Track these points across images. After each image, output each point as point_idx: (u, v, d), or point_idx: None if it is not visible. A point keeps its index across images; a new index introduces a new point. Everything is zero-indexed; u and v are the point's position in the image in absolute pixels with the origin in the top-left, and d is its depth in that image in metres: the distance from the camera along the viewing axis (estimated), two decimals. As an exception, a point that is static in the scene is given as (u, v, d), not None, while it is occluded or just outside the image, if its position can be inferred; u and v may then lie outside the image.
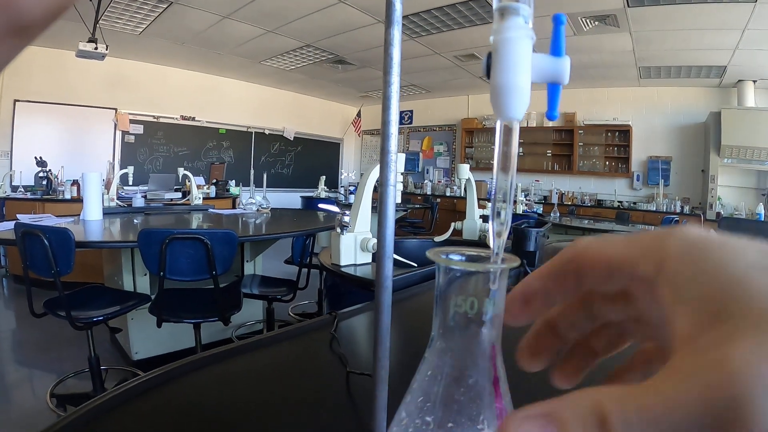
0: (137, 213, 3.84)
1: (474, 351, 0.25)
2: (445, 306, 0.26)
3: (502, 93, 0.22)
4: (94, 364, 2.43)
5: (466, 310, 0.25)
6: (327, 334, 0.98)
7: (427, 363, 0.27)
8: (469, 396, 0.25)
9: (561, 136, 8.23)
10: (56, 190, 5.41)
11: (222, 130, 8.67)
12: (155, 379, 0.73)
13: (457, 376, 0.25)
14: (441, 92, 9.26)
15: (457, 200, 8.53)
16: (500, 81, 0.22)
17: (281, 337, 0.97)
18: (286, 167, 9.78)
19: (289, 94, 9.58)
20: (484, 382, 0.25)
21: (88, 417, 0.62)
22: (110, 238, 2.72)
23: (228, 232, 2.34)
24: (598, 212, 7.23)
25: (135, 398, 0.68)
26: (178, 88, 7.95)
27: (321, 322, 1.06)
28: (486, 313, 0.25)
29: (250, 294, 2.93)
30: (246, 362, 0.85)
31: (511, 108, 0.23)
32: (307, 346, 0.95)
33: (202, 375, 0.78)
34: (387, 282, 0.41)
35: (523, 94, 0.22)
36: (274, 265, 4.18)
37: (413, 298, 1.37)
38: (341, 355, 0.87)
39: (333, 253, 1.64)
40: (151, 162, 7.77)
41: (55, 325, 2.83)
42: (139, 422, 0.63)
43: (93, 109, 7.01)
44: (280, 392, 0.75)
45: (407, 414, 0.26)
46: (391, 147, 0.37)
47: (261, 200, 4.35)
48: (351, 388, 0.76)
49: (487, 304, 0.25)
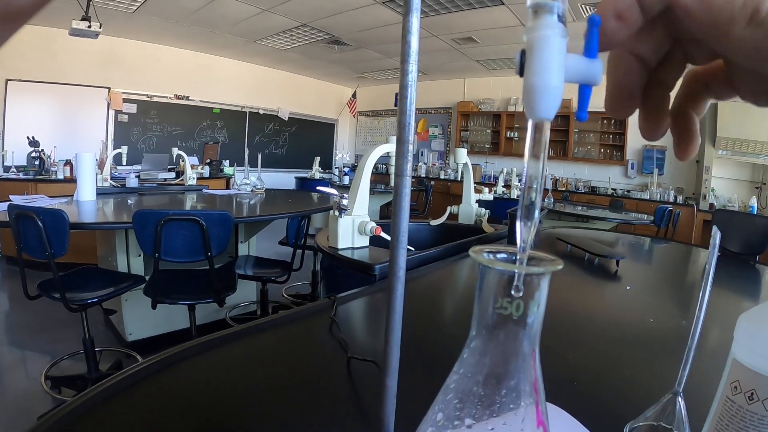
0: (131, 193, 3.82)
1: (516, 353, 0.25)
2: (486, 306, 0.25)
3: (535, 93, 0.22)
4: (88, 346, 2.43)
5: (512, 312, 0.24)
6: (326, 318, 0.98)
7: (465, 363, 0.27)
8: (509, 398, 0.25)
9: (557, 122, 8.21)
10: (49, 171, 5.37)
11: (216, 110, 8.61)
12: (154, 365, 0.73)
13: (497, 377, 0.25)
14: (437, 75, 9.21)
15: (451, 183, 8.54)
16: (533, 81, 0.22)
17: (280, 321, 0.97)
18: (280, 147, 9.74)
19: (284, 73, 9.50)
20: (525, 385, 0.25)
21: (89, 404, 0.62)
22: (104, 219, 2.71)
23: (224, 213, 2.33)
24: (591, 199, 7.25)
25: (135, 385, 0.68)
26: (172, 67, 7.87)
27: (320, 306, 1.06)
28: (530, 316, 0.24)
29: (245, 275, 2.93)
30: (246, 346, 0.85)
31: (543, 108, 0.22)
32: (306, 331, 0.95)
33: (201, 360, 0.78)
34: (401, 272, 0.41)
35: (555, 95, 0.22)
36: (269, 246, 4.18)
37: (411, 282, 1.37)
38: (341, 340, 0.87)
39: (330, 235, 1.64)
40: (145, 141, 7.71)
41: (49, 307, 2.83)
42: (140, 409, 0.63)
43: (86, 88, 6.93)
44: (280, 377, 0.75)
45: (444, 416, 0.26)
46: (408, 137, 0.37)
47: (255, 181, 4.34)
48: (352, 374, 0.76)
49: (531, 307, 0.24)
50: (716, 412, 0.51)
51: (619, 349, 0.95)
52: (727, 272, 1.89)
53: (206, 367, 0.77)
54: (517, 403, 0.25)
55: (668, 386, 0.60)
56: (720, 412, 0.50)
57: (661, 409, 0.61)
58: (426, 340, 0.95)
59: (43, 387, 2.51)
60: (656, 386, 0.64)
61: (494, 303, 0.25)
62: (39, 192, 4.29)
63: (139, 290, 2.46)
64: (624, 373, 0.84)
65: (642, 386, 0.78)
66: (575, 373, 0.82)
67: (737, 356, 0.48)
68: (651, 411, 0.62)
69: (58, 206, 2.42)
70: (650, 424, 0.61)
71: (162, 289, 2.37)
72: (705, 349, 0.91)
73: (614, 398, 0.74)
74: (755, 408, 0.46)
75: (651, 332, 1.07)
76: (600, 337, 1.03)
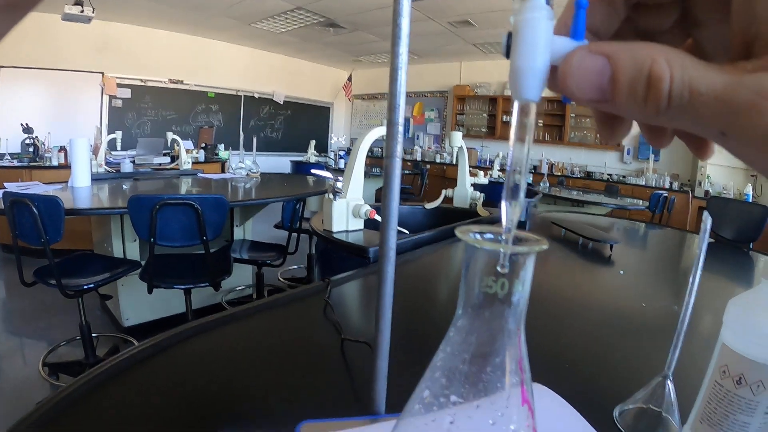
0: (126, 178, 3.80)
1: (501, 331, 0.26)
2: (472, 285, 0.25)
3: (521, 75, 0.22)
4: (85, 332, 2.45)
5: (497, 291, 0.25)
6: (320, 301, 0.99)
7: (451, 341, 0.27)
8: (495, 376, 0.25)
9: (553, 107, 8.19)
10: (43, 157, 5.32)
11: (211, 94, 8.54)
12: (151, 348, 0.74)
13: (483, 355, 0.26)
14: (433, 58, 9.14)
15: (447, 167, 8.53)
16: (519, 63, 0.22)
17: (275, 304, 0.98)
18: (275, 131, 9.70)
19: (279, 57, 9.43)
20: (511, 364, 0.26)
21: (85, 389, 0.62)
22: (99, 204, 2.70)
23: (219, 197, 2.33)
24: (587, 184, 7.26)
25: (131, 368, 0.68)
26: (166, 51, 7.79)
27: (314, 288, 1.06)
28: (515, 294, 0.25)
29: (240, 259, 2.93)
30: (241, 329, 0.86)
31: (528, 90, 0.23)
32: (301, 313, 0.96)
33: (197, 342, 0.79)
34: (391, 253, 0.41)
35: (541, 77, 0.22)
36: (264, 229, 4.17)
37: (404, 265, 1.38)
38: (335, 322, 0.87)
39: (325, 219, 1.65)
40: (139, 126, 7.65)
41: (45, 294, 2.83)
42: (137, 392, 0.64)
43: (79, 74, 6.85)
44: (275, 359, 0.76)
45: (431, 393, 0.27)
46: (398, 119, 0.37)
47: (251, 164, 4.33)
48: (346, 355, 0.77)
49: (516, 286, 0.25)
50: (705, 395, 0.51)
51: (610, 333, 0.96)
52: (720, 259, 1.90)
53: (202, 349, 0.77)
54: (502, 381, 0.25)
55: (658, 370, 0.61)
56: (708, 396, 0.51)
57: (650, 392, 0.62)
58: (419, 322, 0.96)
59: (41, 374, 2.52)
60: (647, 370, 0.65)
61: (480, 282, 0.25)
62: (33, 179, 4.27)
63: (134, 275, 2.46)
64: (615, 356, 0.85)
65: (633, 370, 0.79)
66: (567, 355, 0.83)
67: (726, 341, 0.49)
68: (640, 394, 0.63)
69: (53, 193, 2.42)
70: (639, 407, 0.62)
71: (158, 274, 2.37)
72: (695, 334, 0.92)
73: (605, 381, 0.75)
74: (743, 392, 0.46)
75: (643, 317, 1.08)
76: (592, 321, 1.04)
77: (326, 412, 0.59)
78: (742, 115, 0.16)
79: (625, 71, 0.18)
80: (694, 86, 0.17)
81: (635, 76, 0.18)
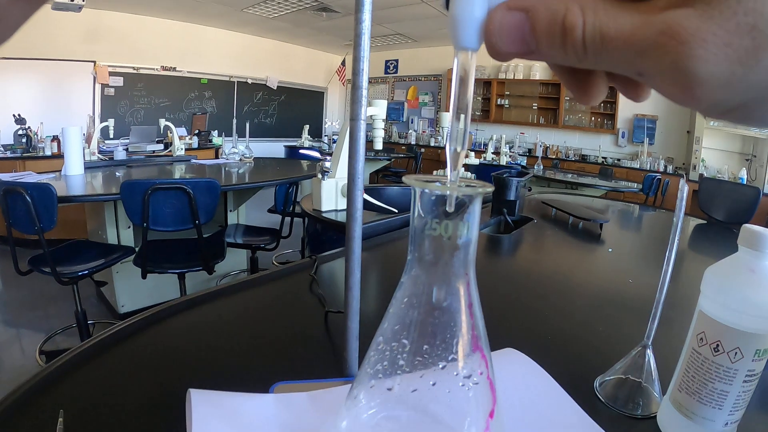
0: (119, 166, 3.79)
1: (448, 276, 0.26)
2: (419, 230, 0.26)
3: (459, 24, 0.23)
4: (81, 319, 2.45)
5: (441, 233, 0.25)
6: (307, 277, 1.00)
7: (402, 288, 0.27)
8: (443, 320, 0.26)
9: (548, 90, 8.17)
10: (36, 147, 5.29)
11: (204, 80, 8.49)
12: (138, 323, 0.75)
13: (431, 300, 0.26)
14: (427, 42, 9.10)
15: (441, 150, 8.51)
16: (457, 12, 0.23)
17: (262, 280, 0.99)
18: (269, 117, 9.66)
19: (272, 42, 9.36)
20: (458, 307, 0.26)
21: (70, 365, 0.63)
22: (92, 191, 2.70)
23: (210, 180, 2.33)
24: (581, 167, 7.26)
25: (117, 344, 0.69)
26: (158, 38, 7.72)
27: (301, 265, 1.08)
28: (460, 237, 0.25)
29: (234, 243, 2.94)
30: (228, 304, 0.87)
31: (467, 38, 0.23)
32: (287, 289, 0.97)
33: (184, 318, 0.80)
34: (357, 213, 0.42)
35: (478, 26, 0.23)
36: (258, 214, 4.18)
37: (394, 242, 1.39)
38: (320, 296, 0.89)
39: (314, 198, 1.65)
40: (132, 114, 7.60)
41: (41, 283, 2.84)
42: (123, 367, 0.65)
43: (71, 63, 6.77)
44: (261, 332, 0.77)
45: (384, 339, 0.27)
46: (362, 82, 0.38)
47: (244, 150, 4.32)
48: (329, 326, 0.78)
49: (461, 228, 0.25)
50: (683, 364, 0.53)
51: (596, 307, 0.97)
52: (709, 239, 1.91)
53: (190, 324, 0.79)
54: (452, 326, 0.26)
55: (640, 341, 0.62)
56: (687, 364, 0.52)
57: (630, 362, 0.63)
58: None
59: (38, 362, 2.53)
60: (629, 342, 0.66)
61: (425, 225, 0.26)
62: (27, 169, 4.24)
63: (129, 262, 2.47)
64: (598, 329, 0.86)
65: (615, 342, 0.80)
66: (551, 328, 0.84)
67: (703, 308, 0.50)
68: (620, 364, 0.64)
69: (45, 181, 2.42)
70: (619, 377, 0.63)
71: (151, 259, 2.38)
72: (676, 306, 0.93)
73: (587, 353, 0.76)
74: (721, 360, 0.47)
75: (628, 292, 1.09)
76: (578, 295, 1.05)
77: (304, 376, 0.60)
78: (650, 54, 0.17)
79: (542, 22, 0.19)
80: (605, 30, 0.18)
81: (552, 27, 0.19)
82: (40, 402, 0.55)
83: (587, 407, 0.58)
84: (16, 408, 0.53)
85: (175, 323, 0.77)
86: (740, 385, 0.47)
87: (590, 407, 0.59)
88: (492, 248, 1.45)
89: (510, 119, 8.52)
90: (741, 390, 0.47)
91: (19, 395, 0.55)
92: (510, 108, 8.52)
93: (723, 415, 0.48)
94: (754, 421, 0.55)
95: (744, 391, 0.47)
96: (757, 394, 0.49)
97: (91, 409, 0.54)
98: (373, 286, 1.02)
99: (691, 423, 0.51)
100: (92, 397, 0.57)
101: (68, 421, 0.50)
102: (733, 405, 0.48)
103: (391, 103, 10.02)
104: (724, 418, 0.49)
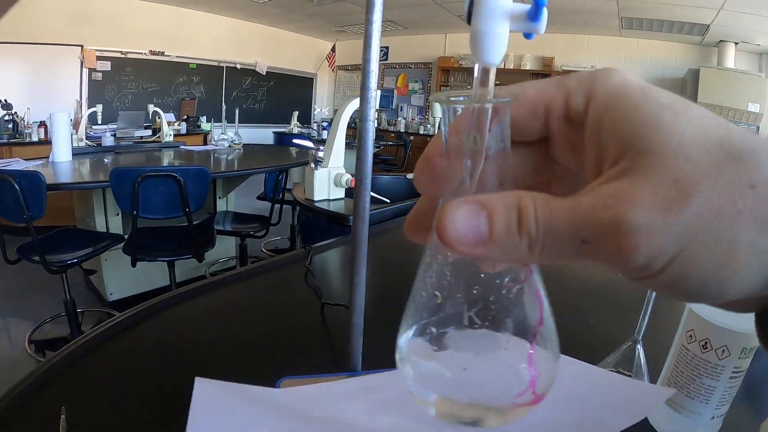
0: (107, 152, 3.75)
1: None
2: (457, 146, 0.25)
3: (481, 39, 0.23)
4: (69, 308, 2.44)
5: (470, 145, 0.24)
6: (302, 268, 1.01)
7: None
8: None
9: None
10: (23, 133, 5.21)
11: (192, 65, 8.38)
12: (133, 317, 0.75)
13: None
14: (418, 29, 9.05)
15: (430, 138, 8.49)
16: (480, 28, 0.23)
17: (256, 272, 0.99)
18: (258, 102, 9.58)
19: (262, 27, 9.26)
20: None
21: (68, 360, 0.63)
22: (81, 178, 2.68)
23: (200, 168, 2.33)
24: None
25: (113, 338, 0.70)
26: (146, 23, 7.59)
27: (295, 256, 1.08)
28: (491, 149, 0.24)
29: (223, 230, 2.94)
30: (223, 296, 0.87)
31: (489, 53, 0.24)
32: (282, 280, 0.98)
33: (180, 310, 0.80)
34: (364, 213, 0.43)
35: (501, 41, 0.24)
36: (247, 201, 4.16)
37: (386, 233, 1.40)
38: (316, 288, 0.89)
39: (307, 188, 1.66)
40: (120, 99, 7.50)
41: (30, 272, 2.81)
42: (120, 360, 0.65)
43: (58, 47, 6.63)
44: (257, 324, 0.78)
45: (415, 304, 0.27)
46: (371, 84, 0.38)
47: (233, 136, 4.30)
48: (326, 319, 0.79)
49: (490, 140, 0.24)
50: (672, 359, 0.54)
51: (585, 299, 0.98)
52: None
53: (185, 316, 0.79)
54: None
55: (631, 336, 0.63)
56: (676, 360, 0.53)
57: (620, 356, 0.64)
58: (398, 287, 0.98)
59: (27, 351, 2.51)
60: (619, 335, 0.67)
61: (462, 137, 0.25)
62: (14, 155, 4.19)
63: (118, 249, 2.45)
64: (588, 322, 0.87)
65: (605, 335, 0.81)
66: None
67: (693, 306, 0.52)
68: (611, 357, 0.65)
69: (33, 168, 2.40)
70: (609, 371, 0.65)
71: (141, 247, 2.37)
72: (667, 301, 0.94)
73: (577, 346, 0.77)
74: (709, 356, 0.49)
75: (619, 284, 1.09)
76: (567, 287, 1.06)
77: (305, 369, 0.61)
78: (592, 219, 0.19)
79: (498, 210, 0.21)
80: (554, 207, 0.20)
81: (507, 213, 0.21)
82: (41, 399, 0.55)
83: (579, 400, 0.60)
84: (17, 405, 0.53)
85: (171, 316, 0.78)
86: (727, 381, 0.49)
87: (582, 400, 0.60)
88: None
89: (499, 108, 8.52)
90: (727, 385, 0.49)
91: (19, 392, 0.55)
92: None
93: (710, 409, 0.50)
94: (738, 415, 0.57)
95: (730, 387, 0.49)
96: (743, 389, 0.51)
97: (93, 404, 0.55)
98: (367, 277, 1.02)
99: (679, 416, 0.52)
100: (93, 392, 0.57)
101: (70, 416, 0.50)
102: (720, 399, 0.50)
103: (381, 90, 9.96)
104: (711, 411, 0.51)
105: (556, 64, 7.97)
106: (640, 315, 0.62)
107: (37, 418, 0.52)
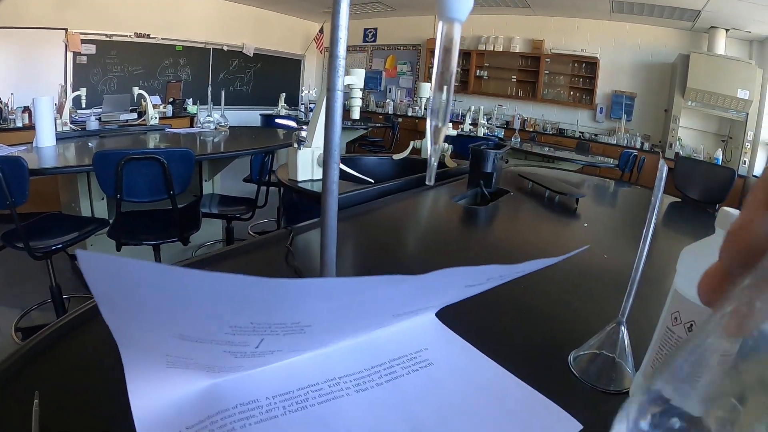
0: (92, 136, 3.69)
1: None
2: None
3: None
4: (56, 294, 2.41)
5: None
6: (283, 248, 0.99)
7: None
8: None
9: (527, 63, 8.16)
10: (7, 119, 5.13)
11: (178, 47, 8.27)
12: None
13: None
14: (407, 11, 8.99)
15: (418, 120, 8.49)
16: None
17: (238, 252, 0.98)
18: (245, 84, 9.49)
19: (248, 9, 9.14)
20: None
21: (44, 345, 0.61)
22: (65, 163, 2.65)
23: (185, 150, 2.30)
24: (559, 141, 7.30)
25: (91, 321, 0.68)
26: (131, 4, 7.44)
27: (277, 236, 1.06)
28: None
29: (209, 213, 2.91)
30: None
31: (455, 10, 0.22)
32: (263, 260, 0.96)
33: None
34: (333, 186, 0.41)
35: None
36: (233, 184, 4.13)
37: (371, 213, 1.38)
38: (296, 267, 0.88)
39: (290, 168, 1.64)
40: (105, 83, 7.38)
41: (15, 260, 2.77)
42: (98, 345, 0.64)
43: (41, 31, 6.49)
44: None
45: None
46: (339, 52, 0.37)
47: (219, 118, 4.26)
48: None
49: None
50: (657, 341, 0.53)
51: (570, 283, 0.98)
52: (685, 218, 1.93)
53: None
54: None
55: (615, 318, 0.62)
56: (660, 342, 0.52)
57: (604, 338, 0.63)
58: (383, 266, 0.97)
59: (14, 339, 2.49)
60: (604, 318, 0.67)
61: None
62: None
63: (103, 234, 2.43)
64: (573, 305, 0.87)
65: (590, 318, 0.81)
66: (526, 302, 0.85)
67: (679, 288, 0.50)
68: (594, 340, 0.65)
69: (17, 154, 2.36)
70: (593, 352, 0.64)
71: (126, 231, 2.35)
72: (651, 283, 0.93)
73: (562, 329, 0.77)
74: None
75: (603, 267, 1.09)
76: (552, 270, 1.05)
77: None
78: None
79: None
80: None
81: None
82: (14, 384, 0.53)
83: (561, 381, 0.59)
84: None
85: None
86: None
87: (564, 381, 0.60)
88: (468, 220, 1.46)
89: (488, 91, 8.50)
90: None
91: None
92: (489, 80, 8.50)
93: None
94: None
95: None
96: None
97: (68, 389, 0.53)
98: (348, 258, 1.01)
99: (662, 398, 0.51)
100: (68, 377, 0.56)
101: (44, 401, 0.48)
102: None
103: (369, 72, 9.91)
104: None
105: (545, 47, 7.95)
106: (624, 296, 0.61)
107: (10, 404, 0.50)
